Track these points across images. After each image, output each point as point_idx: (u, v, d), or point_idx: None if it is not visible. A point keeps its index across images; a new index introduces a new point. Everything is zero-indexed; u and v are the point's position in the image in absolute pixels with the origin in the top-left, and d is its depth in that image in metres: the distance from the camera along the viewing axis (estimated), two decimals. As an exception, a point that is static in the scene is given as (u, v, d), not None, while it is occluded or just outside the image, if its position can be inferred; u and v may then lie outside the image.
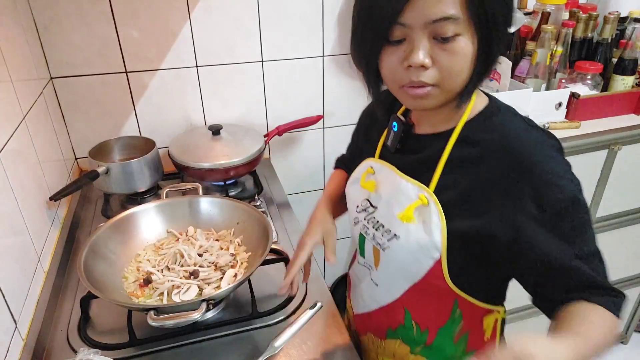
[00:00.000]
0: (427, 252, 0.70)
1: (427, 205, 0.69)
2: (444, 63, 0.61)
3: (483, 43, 0.61)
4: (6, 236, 0.84)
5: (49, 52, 1.25)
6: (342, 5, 1.44)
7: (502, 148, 0.65)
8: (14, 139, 0.94)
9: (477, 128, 0.69)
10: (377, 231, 0.76)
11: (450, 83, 0.63)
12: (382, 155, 0.80)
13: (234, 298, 0.97)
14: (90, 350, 0.77)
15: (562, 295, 0.63)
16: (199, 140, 1.35)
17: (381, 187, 0.77)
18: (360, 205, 0.81)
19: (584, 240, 0.63)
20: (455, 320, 0.77)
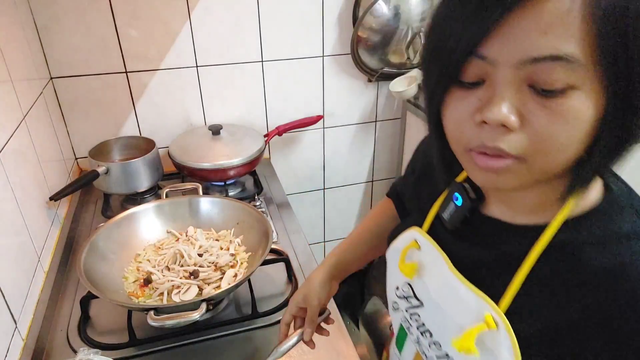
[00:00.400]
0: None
1: (495, 331, 0.47)
2: (541, 128, 0.39)
3: (616, 104, 0.38)
4: (6, 236, 0.84)
5: (49, 52, 1.25)
6: (342, 5, 1.44)
7: (620, 277, 0.42)
8: (14, 139, 0.94)
9: (586, 239, 0.45)
10: (422, 336, 0.57)
11: (546, 159, 0.41)
12: (433, 229, 0.58)
13: (234, 298, 0.97)
14: (90, 350, 0.77)
15: None
16: (199, 140, 1.35)
17: (427, 277, 0.57)
18: (400, 289, 0.61)
19: None
20: None
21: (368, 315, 1.60)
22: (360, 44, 1.46)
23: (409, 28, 1.43)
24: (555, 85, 0.38)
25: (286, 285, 1.01)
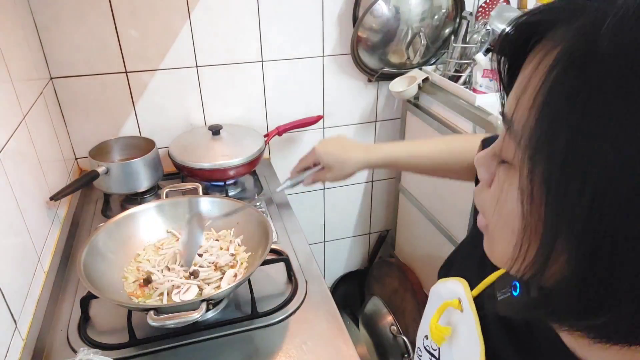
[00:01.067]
0: None
1: None
2: (491, 190, 0.36)
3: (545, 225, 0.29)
4: (6, 236, 0.84)
5: (49, 52, 1.25)
6: (342, 5, 1.44)
7: None
8: (14, 139, 0.94)
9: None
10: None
11: (493, 230, 0.36)
12: (480, 299, 0.48)
13: (234, 298, 0.97)
14: (90, 350, 0.77)
15: None
16: (199, 140, 1.35)
17: (455, 349, 0.49)
18: (430, 343, 0.54)
19: None
20: None
21: (368, 315, 1.60)
22: (360, 44, 1.46)
23: (409, 28, 1.43)
24: (501, 155, 0.34)
25: (286, 285, 1.01)
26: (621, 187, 0.25)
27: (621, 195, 0.26)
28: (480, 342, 0.45)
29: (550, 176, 0.28)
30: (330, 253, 1.91)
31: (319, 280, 1.02)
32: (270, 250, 0.92)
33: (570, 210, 0.27)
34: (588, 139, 0.26)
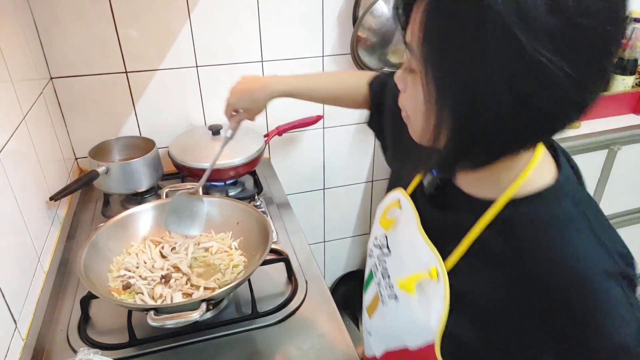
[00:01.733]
0: (420, 332, 0.58)
1: (435, 281, 0.55)
2: (406, 94, 0.53)
3: (435, 104, 0.46)
4: (6, 236, 0.84)
5: (49, 52, 1.25)
6: (342, 5, 1.44)
7: (547, 263, 0.47)
8: (14, 139, 0.94)
9: (524, 218, 0.50)
10: (383, 279, 0.67)
11: (412, 121, 0.54)
12: (415, 193, 0.65)
13: (234, 298, 0.97)
14: (90, 350, 0.77)
15: None
16: (199, 140, 1.35)
17: (399, 233, 0.65)
18: (378, 239, 0.70)
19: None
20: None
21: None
22: (360, 44, 1.46)
23: (409, 28, 1.43)
24: (409, 66, 0.50)
25: (286, 285, 1.01)
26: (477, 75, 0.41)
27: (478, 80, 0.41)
28: (415, 213, 0.62)
29: (435, 72, 0.44)
30: (330, 253, 1.91)
31: (319, 280, 1.02)
32: (270, 250, 0.92)
33: (449, 92, 0.44)
34: (452, 45, 0.42)
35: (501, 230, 0.51)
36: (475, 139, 0.46)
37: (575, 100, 0.43)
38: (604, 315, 0.45)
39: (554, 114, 0.44)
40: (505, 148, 0.48)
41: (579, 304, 0.46)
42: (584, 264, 0.46)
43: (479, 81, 0.42)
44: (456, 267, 0.55)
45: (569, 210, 0.49)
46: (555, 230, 0.48)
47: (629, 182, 1.61)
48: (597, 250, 0.48)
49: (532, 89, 0.41)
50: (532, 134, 0.47)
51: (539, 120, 0.44)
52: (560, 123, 0.46)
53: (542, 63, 0.39)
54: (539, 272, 0.48)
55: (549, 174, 0.52)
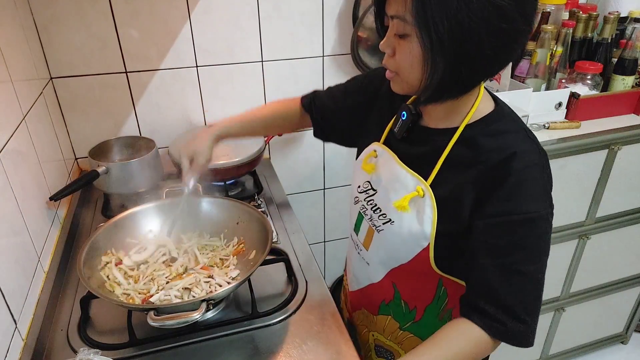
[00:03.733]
0: (416, 240, 0.75)
1: (422, 197, 0.74)
2: (397, 57, 0.68)
3: (432, 53, 0.62)
4: (6, 236, 0.84)
5: (49, 52, 1.25)
6: (342, 5, 1.44)
7: (499, 158, 0.69)
8: (14, 139, 0.94)
9: (479, 132, 0.72)
10: (374, 213, 0.82)
11: (405, 76, 0.69)
12: (387, 141, 0.84)
13: (234, 298, 0.97)
14: (90, 350, 0.77)
15: (468, 299, 0.73)
16: (199, 140, 1.35)
17: (381, 172, 0.82)
18: (361, 186, 0.86)
19: (519, 259, 0.68)
20: (440, 298, 0.83)
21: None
22: (360, 44, 1.46)
23: (409, 28, 1.43)
24: (400, 32, 0.65)
25: (286, 285, 1.01)
26: (462, 22, 0.59)
27: (463, 26, 0.59)
28: (391, 153, 0.81)
29: (428, 26, 0.60)
30: (330, 253, 1.91)
31: (319, 280, 1.02)
32: (270, 250, 0.92)
33: (441, 40, 0.60)
34: (440, 4, 0.58)
35: (465, 144, 0.72)
36: (464, 70, 0.64)
37: (523, 30, 0.63)
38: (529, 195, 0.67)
39: (513, 41, 0.63)
40: (484, 74, 0.68)
41: (513, 183, 0.67)
42: (523, 159, 0.68)
43: (464, 26, 0.59)
44: (435, 181, 0.74)
45: (508, 124, 0.73)
46: (501, 137, 0.71)
47: (629, 182, 1.61)
48: (532, 150, 0.70)
49: (499, 24, 0.60)
50: (501, 60, 0.66)
51: (505, 48, 0.64)
52: (519, 49, 0.66)
53: (503, 6, 0.59)
54: (495, 165, 0.69)
55: (490, 104, 0.75)
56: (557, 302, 1.79)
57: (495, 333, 0.70)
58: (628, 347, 2.11)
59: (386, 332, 0.92)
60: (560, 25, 1.52)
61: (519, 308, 0.69)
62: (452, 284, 0.80)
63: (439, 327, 0.80)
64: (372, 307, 0.92)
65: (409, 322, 0.88)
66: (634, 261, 1.84)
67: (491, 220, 0.69)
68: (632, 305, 1.99)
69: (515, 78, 1.56)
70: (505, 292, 0.69)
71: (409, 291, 0.84)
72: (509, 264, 0.69)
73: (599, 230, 1.67)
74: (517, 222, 0.68)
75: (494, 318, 0.69)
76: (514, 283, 0.69)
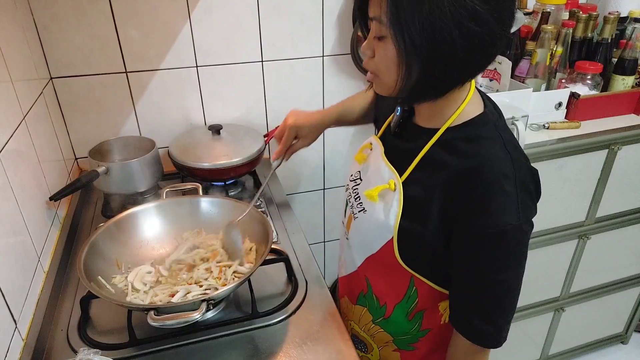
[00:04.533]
0: (381, 231, 0.78)
1: (393, 191, 0.76)
2: (376, 59, 0.69)
3: (405, 55, 0.63)
4: (6, 236, 0.84)
5: (49, 52, 1.25)
6: (342, 5, 1.44)
7: (468, 166, 0.69)
8: (14, 139, 0.94)
9: (459, 137, 0.72)
10: (355, 201, 0.86)
11: (383, 77, 0.70)
12: (383, 135, 0.86)
13: (234, 298, 0.97)
14: (90, 350, 0.77)
15: (451, 304, 0.77)
16: (199, 140, 1.35)
17: (369, 163, 0.85)
18: (353, 175, 0.90)
19: (492, 269, 0.70)
20: (410, 298, 0.83)
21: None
22: (360, 44, 1.45)
23: (409, 28, 1.43)
24: (377, 34, 0.66)
25: (286, 285, 1.01)
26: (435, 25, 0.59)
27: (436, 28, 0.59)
28: (380, 145, 0.84)
29: (403, 31, 0.61)
30: (330, 253, 1.91)
31: (319, 280, 1.02)
32: (270, 250, 0.92)
33: (414, 42, 0.61)
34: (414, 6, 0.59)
35: (443, 147, 0.73)
36: (438, 72, 0.64)
37: (498, 34, 0.63)
38: (501, 207, 0.67)
39: (488, 44, 0.63)
40: (459, 77, 0.68)
41: (482, 194, 0.68)
42: (492, 169, 0.68)
43: (436, 29, 0.59)
44: (408, 178, 0.76)
45: (490, 132, 0.72)
46: (478, 144, 0.71)
47: (629, 182, 1.61)
48: (505, 161, 0.69)
49: (473, 27, 0.60)
50: (476, 64, 0.67)
51: (480, 51, 0.63)
52: (493, 52, 0.66)
53: (476, 10, 0.59)
54: (464, 172, 0.69)
55: (477, 109, 0.74)
56: (557, 302, 1.80)
57: (469, 336, 0.75)
58: (628, 347, 2.11)
59: (361, 322, 0.94)
60: (560, 25, 1.52)
61: (492, 313, 0.73)
62: (423, 285, 0.80)
63: (407, 328, 0.86)
64: (352, 296, 0.94)
65: (380, 318, 0.89)
66: (634, 261, 1.84)
67: (464, 232, 0.70)
68: (632, 305, 1.99)
69: (515, 78, 1.56)
70: (479, 299, 0.72)
71: (381, 286, 0.85)
72: (484, 273, 0.71)
73: (599, 230, 1.67)
74: (491, 235, 0.68)
75: (469, 323, 0.74)
76: (488, 290, 0.72)
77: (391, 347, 0.91)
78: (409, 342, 0.88)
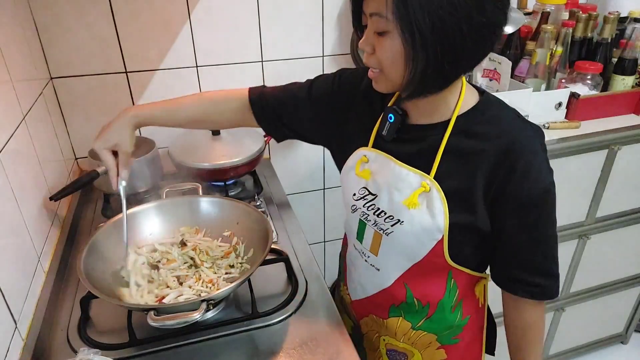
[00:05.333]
0: (430, 234, 0.76)
1: (429, 192, 0.75)
2: (378, 54, 0.69)
3: (413, 48, 0.63)
4: (6, 236, 0.84)
5: (49, 52, 1.25)
6: (342, 5, 1.44)
7: (503, 143, 0.72)
8: (14, 139, 0.94)
9: (474, 121, 0.74)
10: (378, 217, 0.81)
11: (388, 72, 0.69)
12: (376, 145, 0.83)
13: (234, 298, 0.97)
14: (90, 350, 0.77)
15: (502, 272, 0.81)
16: (199, 140, 1.35)
17: (378, 176, 0.81)
18: (357, 194, 0.84)
19: (544, 228, 0.76)
20: (451, 291, 0.84)
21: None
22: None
23: (409, 28, 1.43)
24: (379, 30, 0.66)
25: (286, 285, 1.01)
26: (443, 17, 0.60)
27: (445, 21, 0.60)
28: (386, 155, 0.80)
29: (410, 23, 0.61)
30: (330, 253, 1.91)
31: (319, 280, 1.02)
32: (270, 250, 0.92)
33: (423, 36, 0.61)
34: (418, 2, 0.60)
35: (461, 134, 0.74)
36: (447, 64, 0.65)
37: (501, 21, 0.65)
38: (538, 170, 0.72)
39: (492, 33, 0.65)
40: (465, 68, 0.69)
41: (524, 165, 0.71)
42: (524, 140, 0.72)
43: (447, 23, 0.61)
44: (439, 174, 0.75)
45: (501, 111, 0.76)
46: (499, 123, 0.74)
47: (629, 182, 1.61)
48: (527, 129, 0.74)
49: (480, 19, 0.62)
50: (481, 53, 0.68)
51: (486, 40, 0.65)
52: (494, 43, 0.68)
53: (482, 0, 0.61)
54: (501, 151, 0.72)
55: (475, 95, 0.77)
56: (557, 302, 1.80)
57: (538, 295, 0.80)
58: (628, 347, 2.11)
59: (398, 334, 0.91)
60: (560, 25, 1.52)
61: (549, 266, 0.79)
62: (460, 274, 0.82)
63: (451, 320, 0.86)
64: (381, 311, 0.91)
65: (422, 320, 0.87)
66: (634, 261, 1.84)
67: (514, 203, 0.73)
68: (632, 305, 1.99)
69: (515, 78, 1.56)
70: (538, 258, 0.78)
71: (420, 288, 0.85)
72: (538, 235, 0.76)
73: (599, 230, 1.67)
74: (537, 198, 0.73)
75: (531, 283, 0.79)
76: (543, 248, 0.78)
77: (435, 346, 0.90)
78: (453, 334, 0.89)
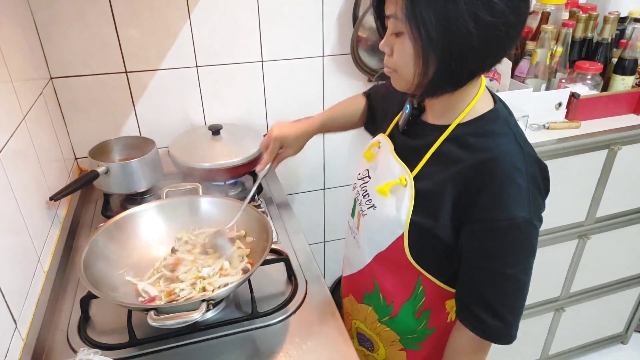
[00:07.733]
0: (392, 227, 0.78)
1: (404, 187, 0.77)
2: (394, 55, 0.71)
3: (422, 49, 0.65)
4: (6, 236, 0.84)
5: (49, 52, 1.25)
6: (342, 5, 1.44)
7: (481, 159, 0.69)
8: (14, 139, 0.94)
9: (470, 132, 0.73)
10: (363, 198, 0.86)
11: (402, 72, 0.71)
12: (391, 133, 0.87)
13: (234, 298, 0.97)
14: (90, 350, 0.77)
15: (459, 298, 0.77)
16: (199, 140, 1.35)
17: (378, 161, 0.86)
18: (361, 174, 0.90)
19: (503, 262, 0.70)
20: (417, 297, 0.83)
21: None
22: (360, 44, 1.46)
23: (409, 28, 1.43)
24: (395, 30, 0.68)
25: (286, 285, 1.01)
26: (452, 18, 0.61)
27: (453, 21, 0.61)
28: (389, 142, 0.85)
29: (419, 25, 0.62)
30: (330, 253, 1.91)
31: (319, 280, 1.02)
32: (270, 250, 0.92)
33: (430, 36, 0.63)
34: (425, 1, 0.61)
35: (454, 142, 0.74)
36: (455, 65, 0.65)
37: (514, 23, 0.63)
38: (513, 201, 0.67)
39: (503, 34, 0.63)
40: (475, 69, 0.69)
41: (495, 187, 0.68)
42: (505, 162, 0.68)
43: (452, 21, 0.61)
44: (419, 173, 0.77)
45: (502, 127, 0.73)
46: (490, 139, 0.71)
47: (629, 182, 1.61)
48: (517, 154, 0.69)
49: (488, 18, 0.61)
50: (494, 54, 0.67)
51: (495, 41, 0.64)
52: (508, 43, 0.66)
53: (492, 1, 0.60)
54: (476, 165, 0.69)
55: (488, 105, 0.75)
56: (557, 302, 1.80)
57: (478, 331, 0.75)
58: (628, 347, 2.11)
59: (367, 321, 0.94)
60: (560, 25, 1.52)
61: (501, 307, 0.72)
62: (430, 284, 0.80)
63: (414, 326, 0.86)
64: (357, 295, 0.94)
65: (386, 317, 0.89)
66: (633, 261, 1.84)
67: (477, 225, 0.70)
68: (632, 305, 1.99)
69: (515, 78, 1.56)
70: (488, 293, 0.72)
71: (387, 286, 0.85)
72: (493, 267, 0.71)
73: (599, 230, 1.67)
74: (502, 228, 0.68)
75: (477, 317, 0.74)
76: (497, 285, 0.72)
77: (397, 347, 0.91)
78: (415, 341, 0.89)
